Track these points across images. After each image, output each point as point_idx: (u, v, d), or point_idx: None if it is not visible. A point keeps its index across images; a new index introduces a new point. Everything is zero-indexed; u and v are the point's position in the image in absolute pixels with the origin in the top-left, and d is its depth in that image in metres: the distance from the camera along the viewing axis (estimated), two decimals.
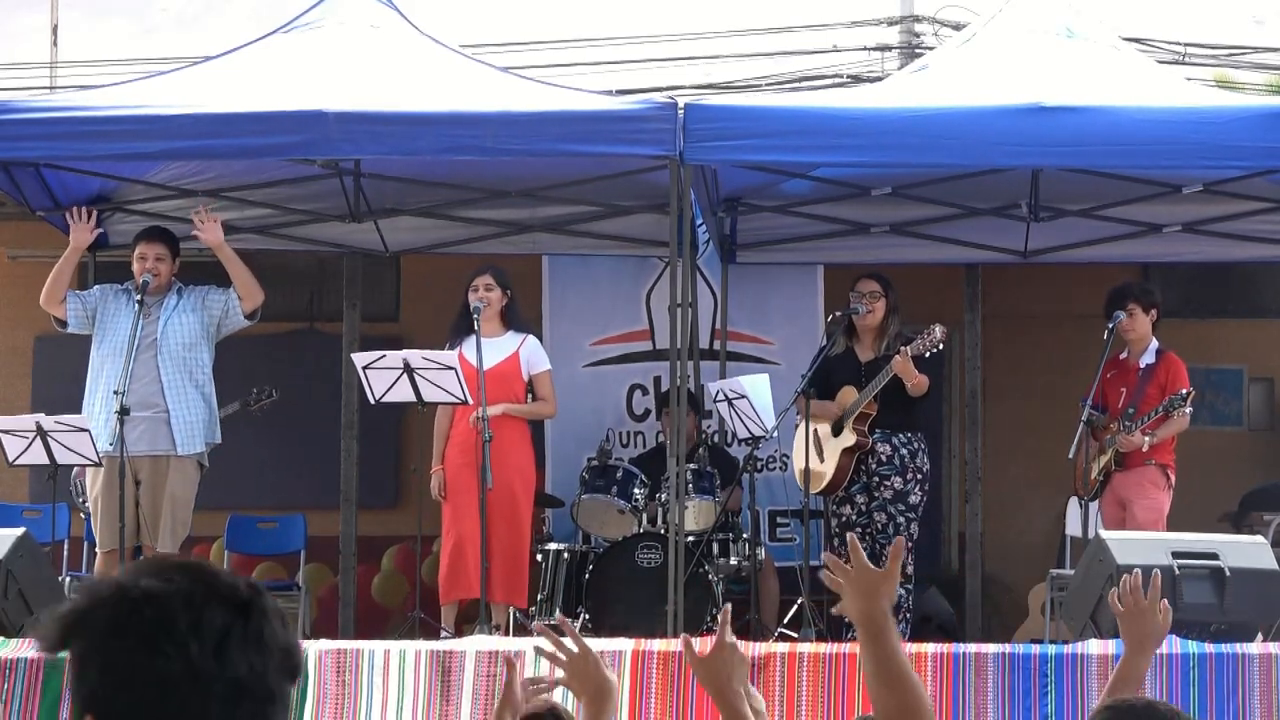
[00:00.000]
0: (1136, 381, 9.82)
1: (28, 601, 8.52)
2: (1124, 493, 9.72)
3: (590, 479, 10.45)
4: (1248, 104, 9.91)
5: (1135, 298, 9.87)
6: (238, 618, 2.12)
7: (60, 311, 9.46)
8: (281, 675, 2.14)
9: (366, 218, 11.05)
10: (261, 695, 2.12)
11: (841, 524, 9.80)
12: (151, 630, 2.08)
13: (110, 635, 2.09)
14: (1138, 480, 9.69)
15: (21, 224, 12.09)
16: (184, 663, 2.07)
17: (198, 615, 2.09)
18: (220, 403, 10.09)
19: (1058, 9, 10.21)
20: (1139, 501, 9.64)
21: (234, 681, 2.09)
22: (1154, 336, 9.92)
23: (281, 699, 2.14)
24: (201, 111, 8.97)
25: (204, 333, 9.53)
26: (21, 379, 12.91)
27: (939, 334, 9.46)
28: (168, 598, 2.10)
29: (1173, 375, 9.79)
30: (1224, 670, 7.58)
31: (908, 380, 9.50)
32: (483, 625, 8.93)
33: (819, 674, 7.68)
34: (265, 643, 2.12)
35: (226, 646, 2.09)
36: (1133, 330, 9.82)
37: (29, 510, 11.09)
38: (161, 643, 2.07)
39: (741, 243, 11.59)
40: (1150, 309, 9.86)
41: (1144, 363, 9.86)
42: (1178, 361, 9.87)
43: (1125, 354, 9.94)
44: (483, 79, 9.66)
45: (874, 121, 8.99)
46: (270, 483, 12.51)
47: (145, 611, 2.09)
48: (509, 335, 9.78)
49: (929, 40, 12.54)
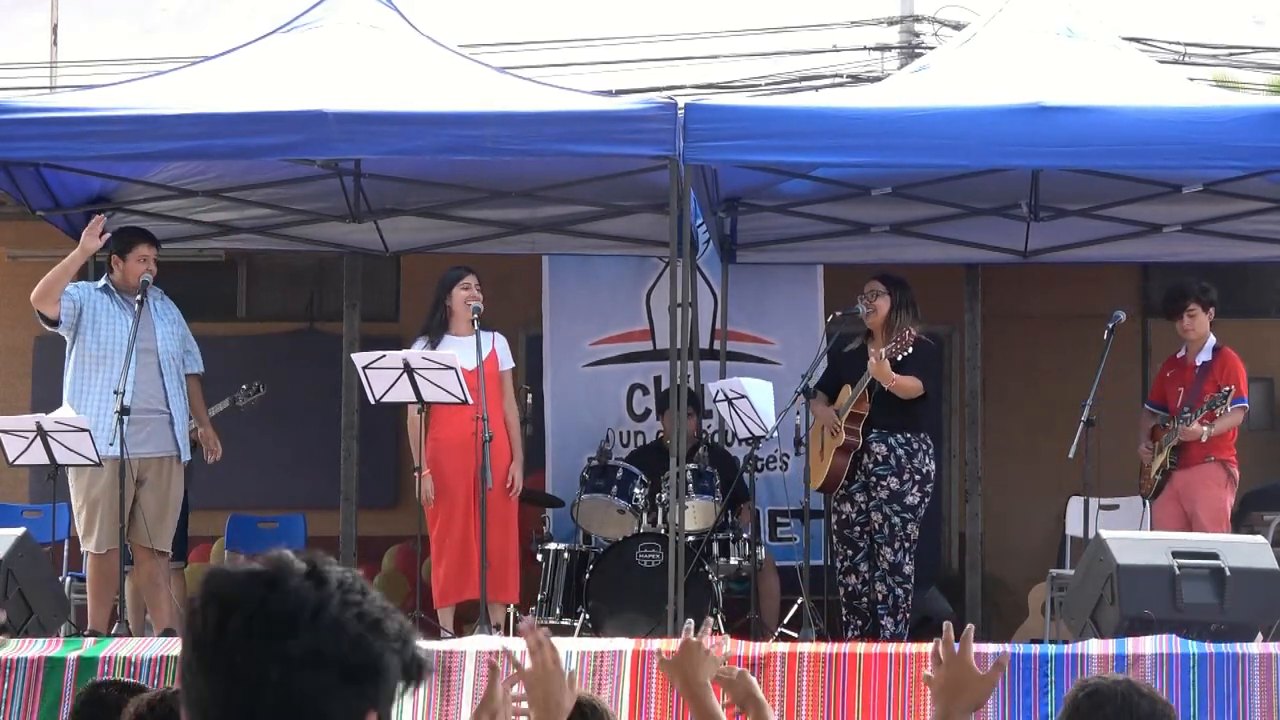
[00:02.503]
0: (1193, 379, 9.87)
1: (28, 601, 8.52)
2: (1186, 492, 9.72)
3: (590, 479, 10.45)
4: (1248, 104, 9.90)
5: (1195, 297, 9.96)
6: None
7: (54, 311, 9.42)
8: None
9: (366, 218, 11.05)
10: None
11: (840, 521, 9.81)
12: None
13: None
14: (1201, 479, 9.71)
15: (21, 224, 12.10)
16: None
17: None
18: (209, 401, 10.12)
19: (1058, 9, 10.21)
20: (1202, 502, 9.65)
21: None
22: (1212, 335, 9.98)
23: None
24: (201, 111, 8.97)
25: (181, 351, 9.60)
26: (21, 379, 12.91)
27: (908, 336, 9.49)
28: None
29: (1227, 370, 9.84)
30: (1224, 670, 7.58)
31: (885, 383, 9.52)
32: (483, 625, 8.93)
33: (819, 674, 7.67)
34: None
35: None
36: (1192, 330, 9.94)
37: (29, 510, 11.09)
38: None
39: (741, 243, 11.58)
40: (1209, 307, 9.95)
41: (1200, 360, 9.92)
42: (1234, 357, 9.95)
43: (1183, 353, 10.02)
44: (482, 79, 9.66)
45: (874, 121, 8.98)
46: (270, 483, 12.51)
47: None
48: (482, 334, 9.77)
49: (929, 40, 12.54)
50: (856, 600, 9.78)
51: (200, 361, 9.74)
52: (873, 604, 9.70)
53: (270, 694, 2.09)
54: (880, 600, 9.64)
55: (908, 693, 7.65)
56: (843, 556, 9.80)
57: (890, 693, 7.66)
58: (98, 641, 8.05)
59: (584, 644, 8.08)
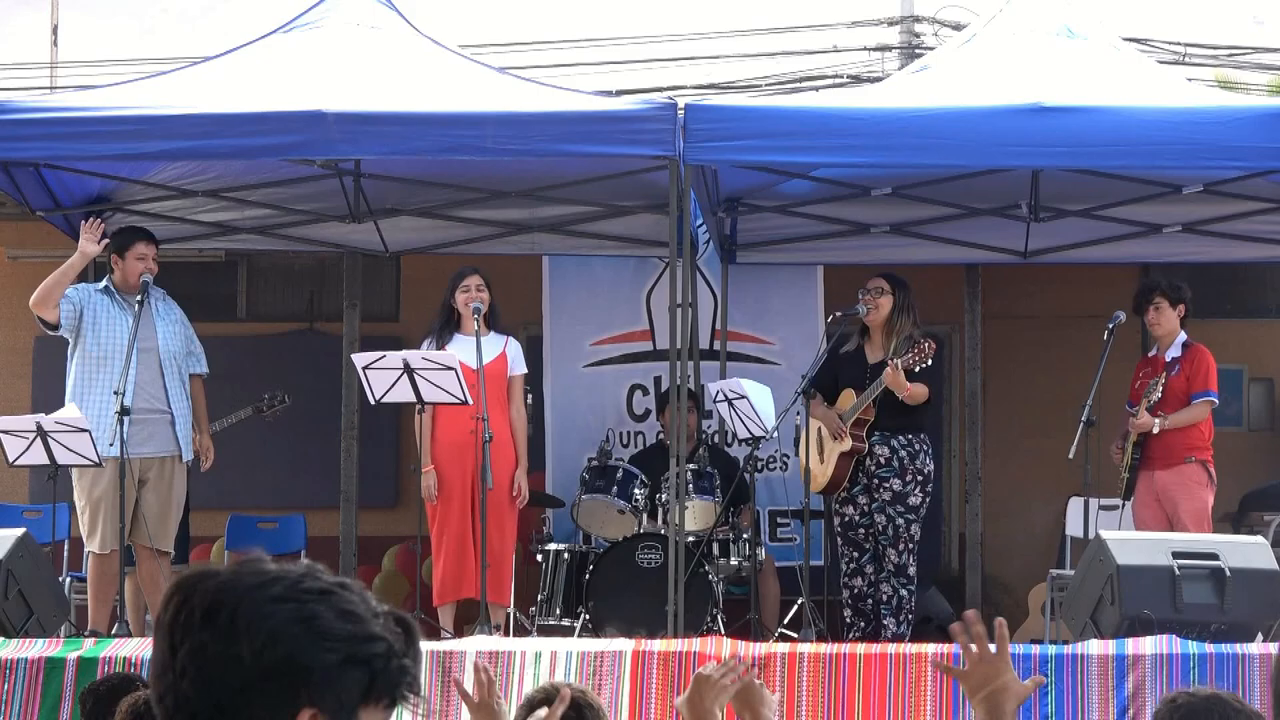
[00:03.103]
0: (1163, 375, 9.82)
1: (28, 601, 8.52)
2: (1168, 493, 9.66)
3: (590, 479, 10.45)
4: (1248, 104, 9.91)
5: (1162, 291, 9.86)
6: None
7: (53, 316, 9.41)
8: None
9: (366, 218, 11.05)
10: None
11: (844, 523, 9.80)
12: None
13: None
14: (1182, 480, 9.63)
15: (21, 224, 12.10)
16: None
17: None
18: (231, 408, 10.12)
19: (1058, 9, 10.21)
20: (1184, 504, 9.57)
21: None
22: (1183, 331, 9.91)
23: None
24: (201, 111, 8.97)
25: (184, 346, 9.58)
26: (21, 379, 12.91)
27: (928, 348, 9.45)
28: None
29: (1195, 366, 9.76)
30: (1224, 670, 7.58)
31: (899, 392, 9.49)
32: (483, 625, 8.93)
33: (819, 674, 7.68)
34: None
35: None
36: (1159, 324, 9.83)
37: (29, 510, 11.09)
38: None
39: (741, 243, 11.58)
40: (1177, 304, 9.87)
41: (1169, 356, 9.86)
42: (1204, 352, 9.82)
43: (1154, 351, 9.97)
44: (482, 79, 9.66)
45: (874, 121, 8.98)
46: (270, 483, 12.51)
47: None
48: (493, 336, 9.77)
49: (929, 40, 12.53)
50: (861, 602, 9.77)
51: (204, 362, 9.73)
52: (877, 605, 9.69)
53: (187, 683, 2.17)
54: (885, 601, 9.64)
55: (908, 693, 7.65)
56: (848, 559, 9.79)
57: (890, 693, 7.67)
58: (98, 641, 8.05)
59: (584, 644, 8.08)
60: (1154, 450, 9.67)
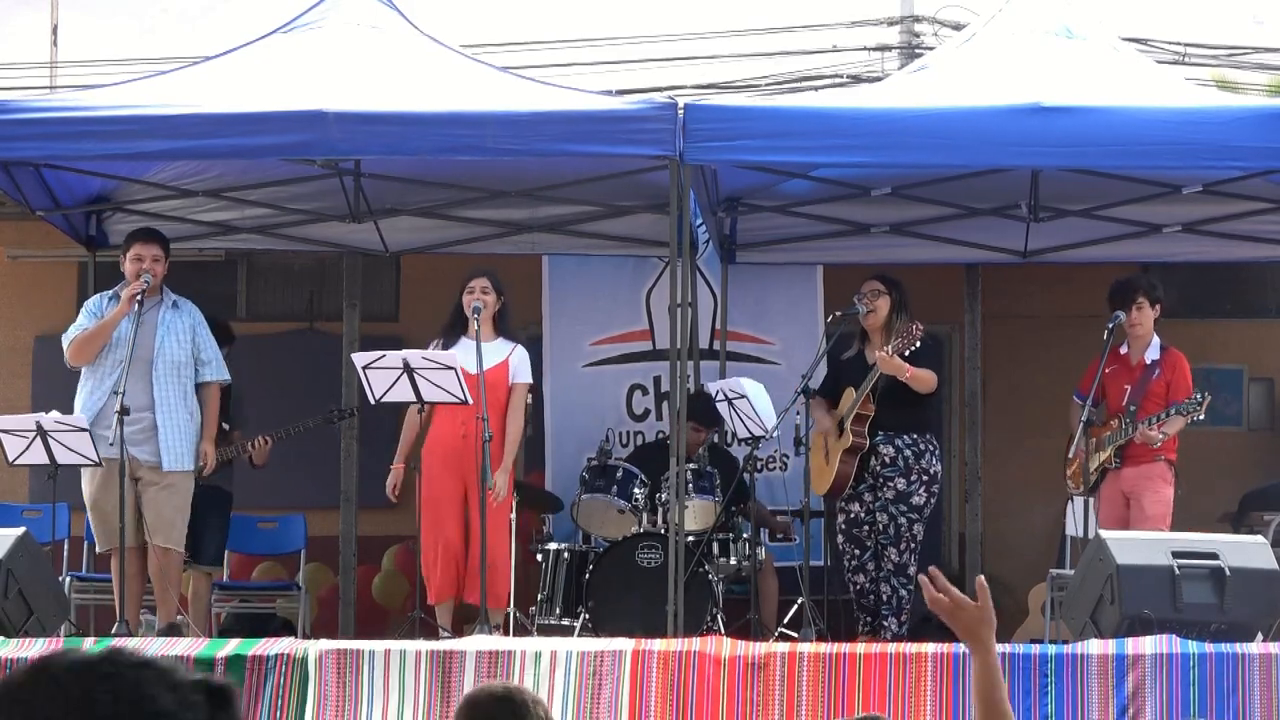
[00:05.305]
0: (1139, 378, 9.79)
1: (28, 601, 8.53)
2: (1132, 488, 9.69)
3: (590, 479, 10.44)
4: (1248, 104, 9.92)
5: (1144, 291, 9.84)
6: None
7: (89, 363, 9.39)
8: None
9: (366, 218, 11.05)
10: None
11: (848, 521, 9.79)
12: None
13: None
14: (1146, 475, 9.67)
15: (22, 224, 12.09)
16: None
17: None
18: (295, 417, 10.16)
19: (1057, 9, 10.20)
20: (1148, 496, 9.61)
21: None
22: (1155, 334, 9.90)
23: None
24: (201, 111, 8.97)
25: (190, 359, 9.51)
26: (21, 379, 12.91)
27: (915, 330, 9.47)
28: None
29: (1178, 374, 9.77)
30: (1224, 670, 7.58)
31: (900, 375, 9.46)
32: (483, 625, 8.93)
33: (819, 674, 7.68)
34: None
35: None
36: (1140, 325, 9.80)
37: (29, 510, 11.09)
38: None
39: (741, 243, 11.59)
40: (1156, 304, 9.85)
41: (1149, 358, 9.84)
42: (1182, 359, 9.84)
43: (1124, 349, 9.91)
44: (482, 79, 9.66)
45: (874, 121, 8.99)
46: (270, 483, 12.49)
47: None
48: (499, 341, 9.72)
49: (929, 40, 12.53)
50: (865, 598, 9.78)
51: (217, 370, 9.60)
52: (877, 603, 9.70)
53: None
54: (885, 600, 9.64)
55: (908, 693, 7.66)
56: (850, 555, 9.79)
57: (890, 693, 7.67)
58: (98, 641, 8.05)
59: (584, 644, 8.08)
60: (1125, 449, 9.71)
